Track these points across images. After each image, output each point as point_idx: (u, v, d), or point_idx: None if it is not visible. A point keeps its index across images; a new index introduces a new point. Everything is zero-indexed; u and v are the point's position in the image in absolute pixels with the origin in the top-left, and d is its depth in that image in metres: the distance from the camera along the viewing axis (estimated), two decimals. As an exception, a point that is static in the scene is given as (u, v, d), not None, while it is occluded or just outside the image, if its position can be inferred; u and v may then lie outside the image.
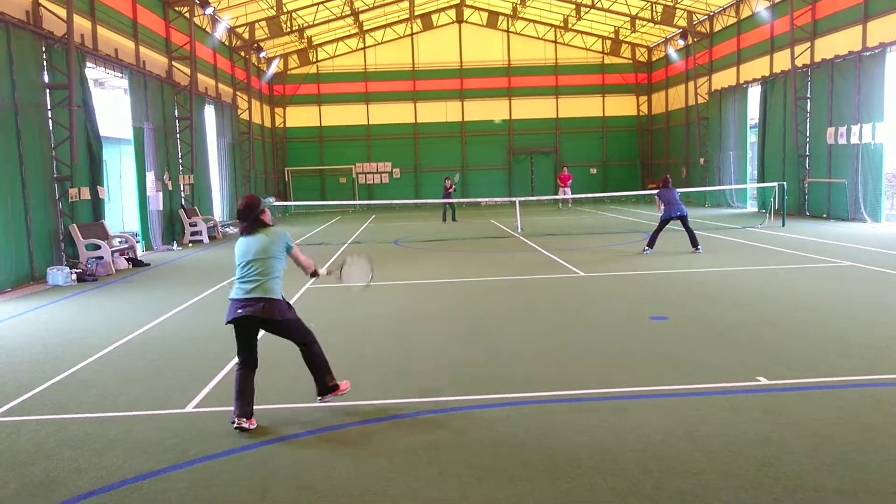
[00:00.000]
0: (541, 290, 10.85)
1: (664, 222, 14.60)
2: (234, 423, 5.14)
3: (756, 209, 26.39)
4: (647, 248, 14.53)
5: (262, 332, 5.50)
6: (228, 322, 5.37)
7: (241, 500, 4.06)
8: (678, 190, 14.80)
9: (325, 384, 5.57)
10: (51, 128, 14.26)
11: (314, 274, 5.91)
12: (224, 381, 6.41)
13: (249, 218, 5.47)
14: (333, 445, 4.84)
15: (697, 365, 6.47)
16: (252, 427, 5.13)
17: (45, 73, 14.17)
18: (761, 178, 25.84)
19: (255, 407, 5.35)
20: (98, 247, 14.62)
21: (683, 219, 14.32)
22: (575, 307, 9.42)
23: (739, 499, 3.85)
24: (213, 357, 7.29)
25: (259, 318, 5.30)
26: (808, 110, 22.95)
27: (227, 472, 4.46)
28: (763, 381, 5.92)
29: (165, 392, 6.15)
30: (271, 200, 5.86)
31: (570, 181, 31.76)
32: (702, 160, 31.61)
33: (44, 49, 14.09)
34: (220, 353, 7.40)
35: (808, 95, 22.90)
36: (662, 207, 14.52)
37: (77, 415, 5.65)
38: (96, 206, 15.95)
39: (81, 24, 15.76)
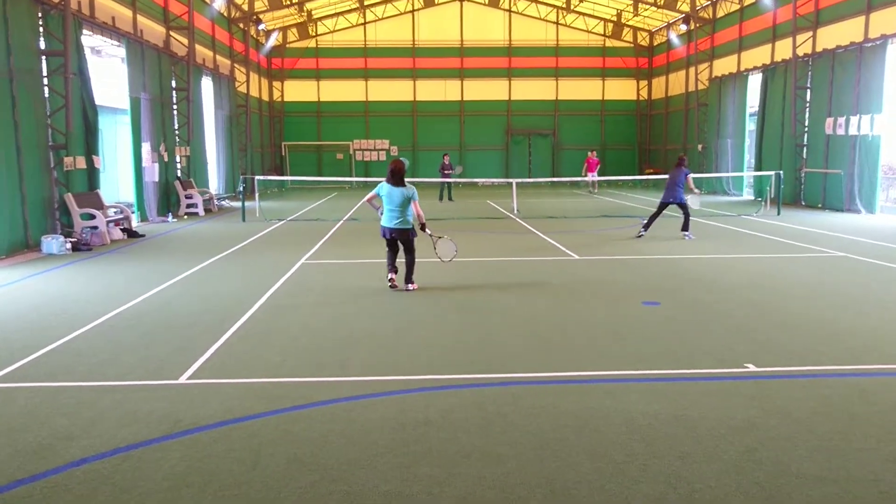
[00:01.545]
0: (535, 272, 10.89)
1: (662, 206, 14.60)
2: (388, 278, 9.48)
3: (752, 197, 26.45)
4: (642, 230, 14.63)
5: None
6: (384, 237, 9.45)
7: (232, 470, 4.11)
8: (693, 175, 14.77)
9: (410, 279, 9.45)
10: (46, 95, 14.16)
11: (422, 226, 9.36)
12: (217, 354, 6.46)
13: (398, 177, 9.20)
14: (324, 420, 4.88)
15: (687, 350, 6.54)
16: (394, 281, 9.46)
17: (41, 39, 14.03)
18: (758, 167, 25.86)
19: (245, 380, 5.48)
20: (93, 216, 14.59)
21: (682, 205, 14.38)
22: (568, 290, 9.47)
23: (722, 482, 3.92)
24: (206, 329, 7.32)
25: (399, 237, 9.32)
26: (808, 100, 22.93)
27: (218, 442, 4.51)
28: (751, 367, 5.99)
29: (158, 363, 6.19)
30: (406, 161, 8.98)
31: (598, 167, 30.46)
32: (700, 146, 31.59)
33: (40, 15, 13.93)
34: (214, 326, 7.44)
35: (809, 85, 22.86)
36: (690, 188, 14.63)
37: (70, 383, 5.68)
38: (91, 175, 15.87)
39: (79, -10, 15.57)
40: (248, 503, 3.75)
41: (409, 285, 9.37)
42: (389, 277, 9.43)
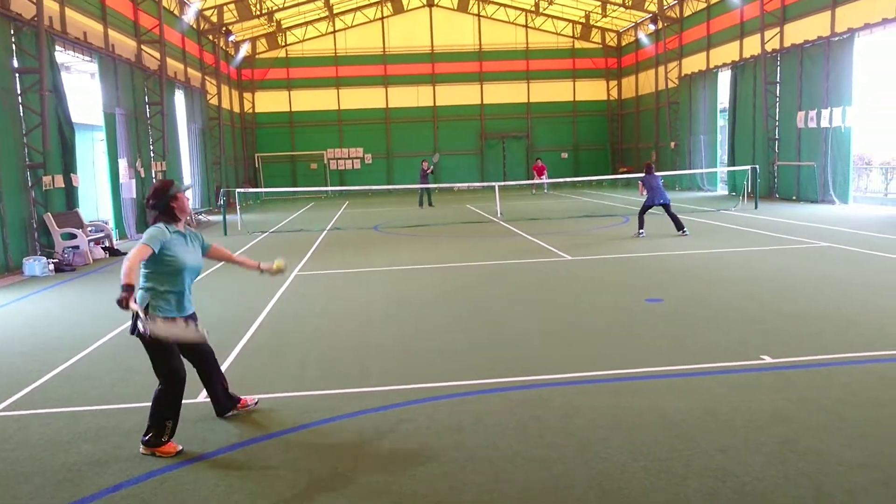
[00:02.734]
0: (531, 274, 10.91)
1: (646, 207, 14.74)
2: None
3: (726, 192, 26.86)
4: (640, 231, 14.62)
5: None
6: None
7: (274, 487, 4.03)
8: (660, 174, 14.91)
9: (146, 433, 4.59)
10: (21, 114, 13.82)
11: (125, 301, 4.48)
12: (233, 369, 6.34)
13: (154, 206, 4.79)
14: (355, 431, 4.82)
15: (701, 345, 6.60)
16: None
17: (15, 57, 13.71)
18: (731, 162, 26.28)
19: (269, 395, 5.44)
20: (74, 236, 14.27)
21: (666, 206, 14.50)
22: (568, 291, 9.50)
23: (769, 474, 3.95)
24: (215, 346, 7.12)
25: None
26: (778, 95, 23.38)
27: (254, 459, 4.42)
28: (767, 359, 6.05)
29: (173, 382, 6.04)
30: (186, 187, 5.08)
31: (546, 172, 31.34)
32: (672, 144, 32.01)
33: (12, 32, 13.61)
34: (222, 341, 7.29)
35: (778, 80, 23.31)
36: (645, 193, 14.66)
37: (86, 407, 5.53)
38: (70, 194, 15.54)
39: (50, 6, 15.26)
40: (300, 520, 3.68)
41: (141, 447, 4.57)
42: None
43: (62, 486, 4.15)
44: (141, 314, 4.39)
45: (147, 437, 4.57)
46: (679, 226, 14.50)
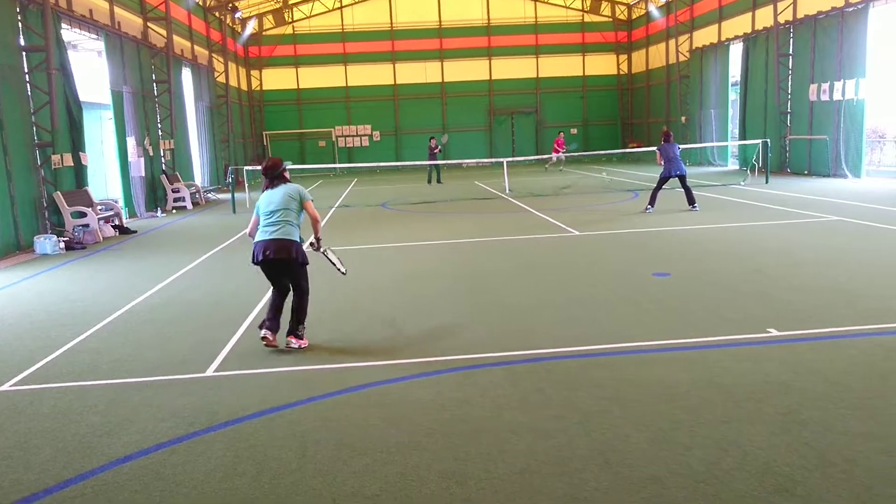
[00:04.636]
0: (539, 249, 10.90)
1: (663, 180, 14.47)
2: (261, 334, 6.13)
3: (737, 167, 26.64)
4: (649, 206, 14.45)
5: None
6: (255, 263, 6.22)
7: (281, 458, 4.09)
8: (679, 146, 14.61)
9: (296, 329, 6.23)
10: (29, 92, 13.85)
11: (317, 242, 6.51)
12: (239, 345, 6.40)
13: (272, 174, 6.33)
14: (362, 405, 4.87)
15: (707, 318, 6.59)
16: (273, 342, 6.09)
17: (21, 35, 13.70)
18: (742, 136, 26.03)
19: (275, 369, 5.49)
20: (84, 214, 14.36)
21: (682, 178, 14.28)
22: (576, 265, 9.49)
23: (772, 443, 3.96)
24: (223, 321, 7.25)
25: (278, 258, 6.12)
26: (791, 67, 23.05)
27: (261, 432, 4.48)
28: (774, 332, 6.04)
29: (182, 357, 6.12)
30: (289, 163, 6.52)
31: (564, 146, 30.95)
32: (683, 119, 31.71)
33: (18, 10, 13.59)
34: (230, 318, 7.38)
35: (791, 52, 22.97)
36: (663, 163, 14.40)
37: (96, 381, 5.61)
38: (79, 172, 15.60)
39: (55, -17, 15.20)
40: (306, 488, 3.73)
41: (294, 341, 6.20)
42: (262, 335, 6.10)
43: (73, 457, 4.22)
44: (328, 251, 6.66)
45: (299, 332, 6.21)
46: (691, 200, 14.34)
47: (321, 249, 6.51)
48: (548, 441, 4.15)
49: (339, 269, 6.65)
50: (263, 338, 6.07)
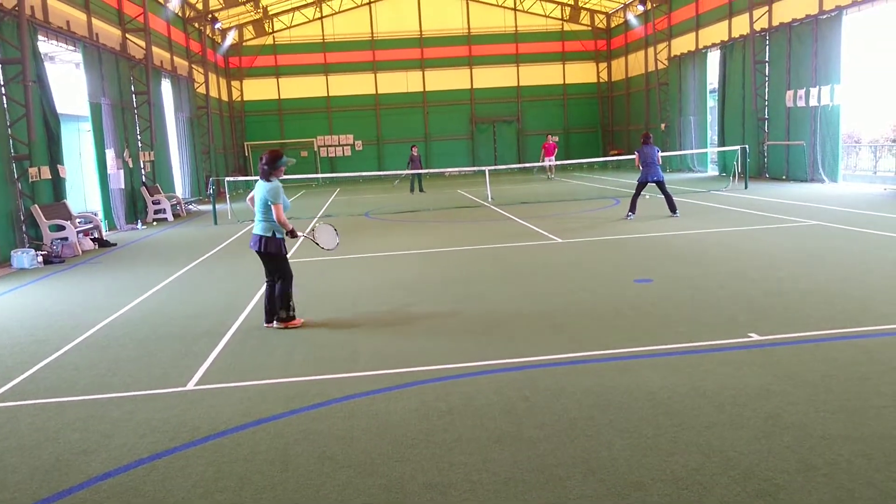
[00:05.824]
0: (522, 257, 10.92)
1: (641, 185, 14.51)
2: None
3: (717, 173, 26.91)
4: (629, 213, 14.48)
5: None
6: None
7: (263, 472, 4.05)
8: (658, 150, 14.61)
9: (280, 315, 7.17)
10: (5, 105, 13.69)
11: (291, 234, 7.16)
12: (221, 358, 6.34)
13: (263, 167, 7.12)
14: (345, 416, 4.83)
15: (689, 323, 6.63)
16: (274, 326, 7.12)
17: (-3, 47, 13.56)
18: (721, 142, 26.31)
19: (257, 382, 5.50)
20: (62, 227, 14.20)
21: (660, 183, 14.32)
22: (558, 273, 9.52)
23: (754, 448, 3.98)
24: (204, 334, 7.19)
25: (258, 251, 7.15)
26: (767, 74, 23.37)
27: (243, 446, 4.43)
28: (755, 336, 6.09)
29: (162, 371, 6.05)
30: (289, 160, 6.62)
31: (556, 151, 30.69)
32: (662, 125, 32.01)
33: (-7, 22, 13.45)
34: (210, 330, 7.31)
35: (767, 59, 23.29)
36: (641, 167, 14.43)
37: (74, 397, 5.52)
38: (57, 185, 15.43)
39: (31, -5, 15.06)
40: (288, 502, 3.69)
41: (275, 323, 7.24)
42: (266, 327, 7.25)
43: (50, 476, 4.15)
44: (308, 234, 7.70)
45: (282, 317, 7.11)
46: (672, 207, 14.40)
47: (301, 236, 7.41)
48: (532, 449, 4.14)
49: (320, 246, 7.74)
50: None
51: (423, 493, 3.70)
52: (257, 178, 7.27)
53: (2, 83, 13.62)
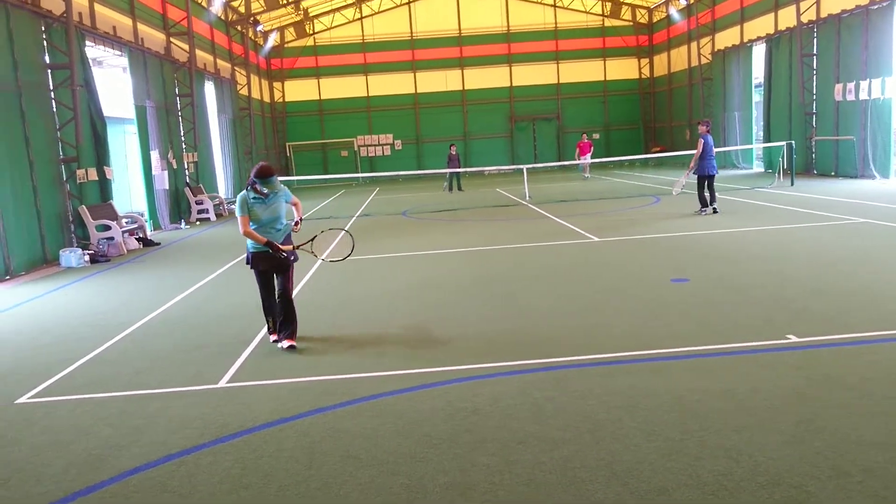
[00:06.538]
0: (558, 256, 10.83)
1: (703, 179, 14.28)
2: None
3: (762, 169, 26.26)
4: (703, 209, 14.30)
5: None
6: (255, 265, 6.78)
7: (288, 469, 4.09)
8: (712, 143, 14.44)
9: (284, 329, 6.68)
10: (54, 109, 14.15)
11: (271, 247, 6.52)
12: (253, 356, 6.44)
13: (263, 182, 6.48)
14: (372, 415, 4.85)
15: (725, 324, 6.48)
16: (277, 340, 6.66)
17: (46, 53, 14.01)
18: (767, 138, 25.66)
19: (287, 380, 5.55)
20: (108, 227, 14.60)
21: (712, 178, 14.26)
22: (594, 272, 9.41)
23: (784, 454, 3.86)
24: (238, 333, 7.30)
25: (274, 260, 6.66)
26: (815, 67, 22.69)
27: (270, 443, 4.49)
28: (793, 338, 5.91)
29: (196, 369, 6.17)
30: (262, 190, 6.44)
31: (591, 150, 30.21)
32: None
33: (43, 28, 13.90)
34: (244, 329, 7.42)
35: (815, 52, 22.61)
36: (697, 161, 14.18)
37: (110, 393, 5.67)
38: (104, 186, 15.88)
39: (79, 2, 15.52)
40: (310, 501, 3.72)
41: (284, 341, 6.63)
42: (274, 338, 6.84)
43: (82, 470, 4.26)
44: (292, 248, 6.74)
45: (291, 332, 6.60)
46: (711, 200, 14.22)
47: (295, 252, 6.76)
48: (555, 451, 4.09)
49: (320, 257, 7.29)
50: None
51: (443, 493, 3.69)
52: (298, 177, 7.45)
53: (51, 87, 14.07)
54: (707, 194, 14.35)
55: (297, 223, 6.90)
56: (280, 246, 6.51)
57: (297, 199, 7.01)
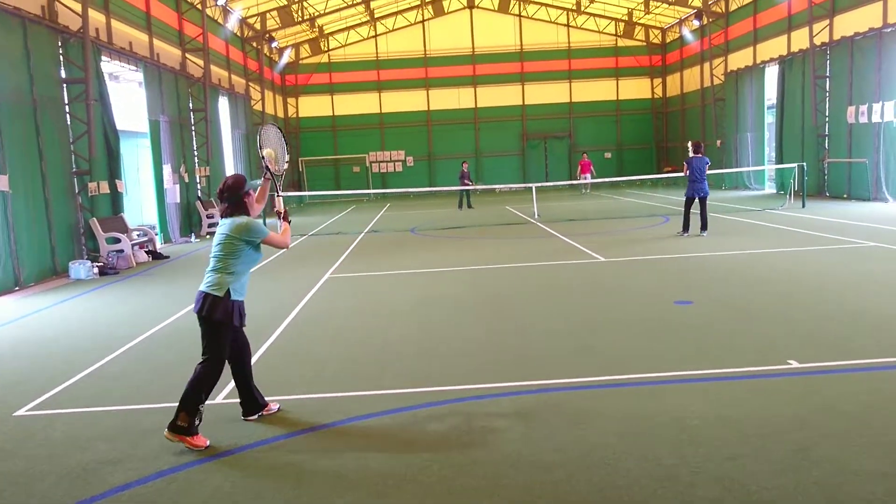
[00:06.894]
0: (562, 276, 10.79)
1: (689, 201, 14.39)
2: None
3: (774, 191, 26.12)
4: (684, 231, 14.39)
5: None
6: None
7: (277, 488, 4.07)
8: (712, 171, 14.53)
9: (174, 421, 4.68)
10: (68, 122, 14.33)
11: (284, 217, 5.69)
12: (253, 371, 6.42)
13: (227, 200, 5.07)
14: (364, 435, 4.83)
15: (726, 348, 6.41)
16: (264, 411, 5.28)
17: (62, 67, 14.23)
18: (779, 159, 25.54)
19: (284, 396, 5.53)
20: (118, 240, 14.72)
21: (703, 199, 14.23)
22: (598, 292, 9.36)
23: (778, 483, 3.81)
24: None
25: (199, 315, 4.99)
26: (828, 89, 22.61)
27: (261, 461, 4.48)
28: (794, 364, 5.84)
29: (194, 383, 6.16)
30: (256, 183, 5.54)
31: (592, 168, 31.88)
32: (718, 142, 31.28)
33: (60, 44, 14.13)
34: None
35: (828, 74, 22.54)
36: (688, 172, 14.22)
37: (109, 407, 5.69)
38: (115, 199, 16.04)
39: (96, 17, 15.79)
40: (296, 522, 3.70)
41: (172, 433, 4.71)
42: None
43: (74, 485, 4.27)
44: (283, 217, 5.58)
45: (177, 423, 4.65)
46: (704, 225, 14.30)
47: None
48: (546, 475, 4.05)
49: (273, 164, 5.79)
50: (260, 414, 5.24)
51: (430, 517, 3.66)
52: (310, 192, 6.49)
53: (66, 101, 14.27)
54: (695, 214, 14.37)
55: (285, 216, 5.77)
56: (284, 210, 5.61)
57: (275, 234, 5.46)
